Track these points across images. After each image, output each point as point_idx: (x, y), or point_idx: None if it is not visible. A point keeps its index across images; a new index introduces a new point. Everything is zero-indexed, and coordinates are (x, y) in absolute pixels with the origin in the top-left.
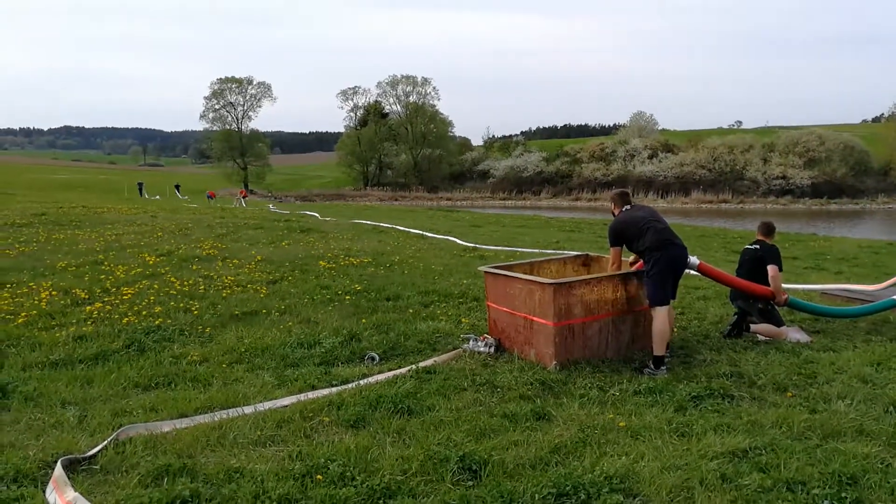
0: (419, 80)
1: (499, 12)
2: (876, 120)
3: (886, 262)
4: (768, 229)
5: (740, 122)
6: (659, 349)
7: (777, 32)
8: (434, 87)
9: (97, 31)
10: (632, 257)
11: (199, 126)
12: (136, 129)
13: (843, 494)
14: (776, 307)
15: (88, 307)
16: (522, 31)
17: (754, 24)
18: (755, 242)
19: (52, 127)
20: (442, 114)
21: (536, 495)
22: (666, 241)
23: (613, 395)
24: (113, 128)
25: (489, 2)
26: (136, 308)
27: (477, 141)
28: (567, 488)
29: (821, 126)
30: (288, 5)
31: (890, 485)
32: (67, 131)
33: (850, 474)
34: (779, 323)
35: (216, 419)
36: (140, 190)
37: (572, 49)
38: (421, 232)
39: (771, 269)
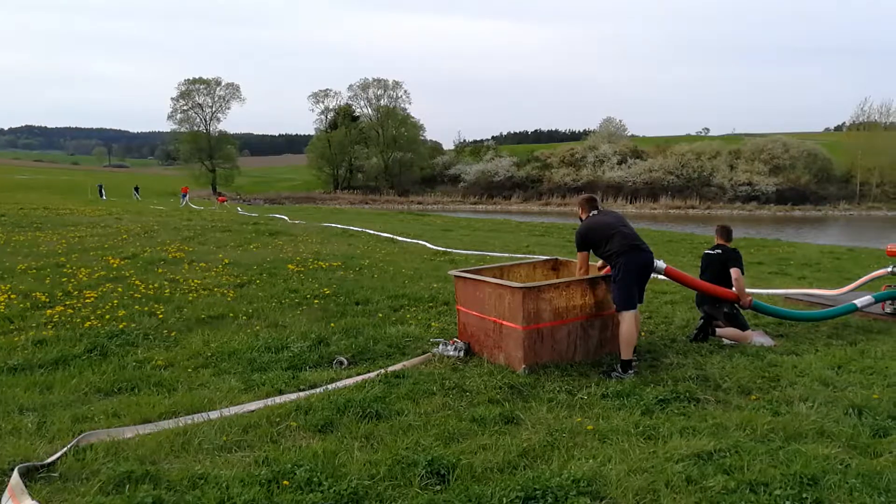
0: (390, 83)
1: (472, 17)
2: (838, 128)
3: (847, 268)
4: (728, 233)
5: (708, 129)
6: (626, 353)
7: (743, 41)
8: (405, 91)
9: (61, 28)
10: (599, 262)
11: (167, 127)
12: (101, 129)
13: (804, 495)
14: (741, 310)
15: (49, 311)
16: (494, 37)
17: (721, 33)
18: (717, 247)
19: (13, 126)
20: (413, 117)
21: (504, 499)
22: (633, 245)
23: (581, 398)
24: (77, 128)
25: (462, 7)
26: (98, 312)
27: (448, 145)
28: (535, 492)
29: (785, 134)
30: (259, 6)
31: (849, 485)
32: (29, 131)
33: (810, 475)
34: (744, 327)
35: (180, 424)
36: (100, 192)
37: (543, 55)
38: (391, 235)
39: (734, 272)
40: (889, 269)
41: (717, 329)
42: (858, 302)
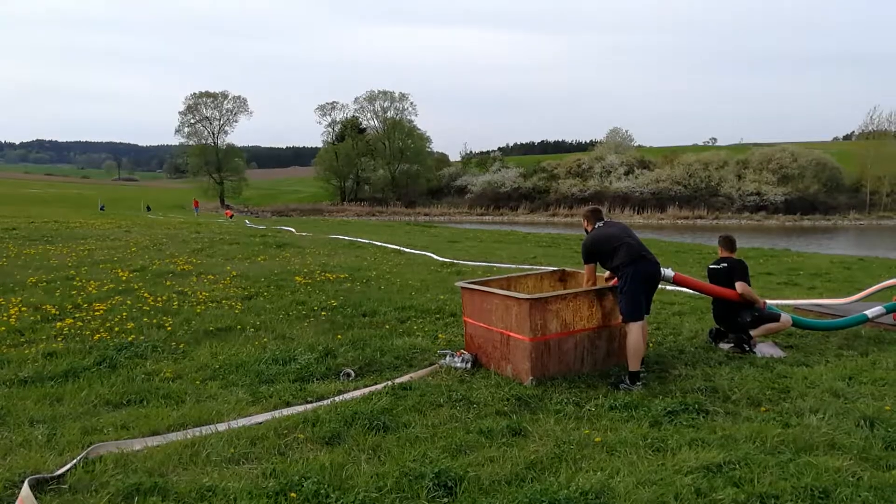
0: (397, 95)
1: (474, 28)
2: (847, 137)
3: (858, 278)
4: (731, 243)
5: (715, 139)
6: (634, 364)
7: (749, 51)
8: (412, 103)
9: (71, 43)
10: (606, 273)
11: (175, 140)
12: (111, 143)
13: None
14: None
15: (59, 323)
16: (500, 48)
17: (728, 43)
18: (721, 260)
19: (24, 140)
20: (419, 129)
21: None
22: (639, 256)
23: (589, 410)
24: (87, 142)
25: (466, 18)
26: (108, 324)
27: (454, 156)
28: None
29: (793, 143)
30: (266, 20)
31: (861, 498)
32: (40, 145)
33: (822, 488)
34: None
35: (189, 436)
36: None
37: (549, 66)
38: (398, 247)
39: (739, 287)
40: None
41: (752, 333)
42: (869, 312)
